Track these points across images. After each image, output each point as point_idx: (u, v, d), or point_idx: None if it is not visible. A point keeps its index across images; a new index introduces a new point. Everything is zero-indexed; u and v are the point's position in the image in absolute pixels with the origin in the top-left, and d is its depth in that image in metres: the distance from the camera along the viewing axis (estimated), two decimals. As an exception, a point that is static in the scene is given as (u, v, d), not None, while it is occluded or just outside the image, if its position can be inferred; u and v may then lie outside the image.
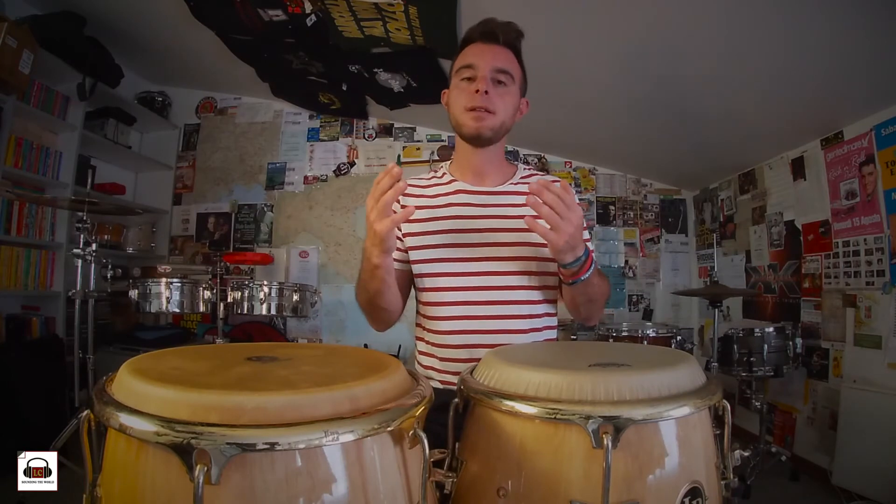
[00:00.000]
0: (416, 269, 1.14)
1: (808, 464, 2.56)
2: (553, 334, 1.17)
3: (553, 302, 1.16)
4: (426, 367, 1.15)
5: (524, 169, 1.23)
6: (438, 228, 1.13)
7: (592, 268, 0.98)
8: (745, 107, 2.53)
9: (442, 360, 1.11)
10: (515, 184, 1.19)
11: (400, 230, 1.16)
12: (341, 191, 3.89)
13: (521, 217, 1.11)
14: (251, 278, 3.52)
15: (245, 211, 3.94)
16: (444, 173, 1.22)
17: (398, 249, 1.17)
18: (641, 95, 2.71)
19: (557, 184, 0.89)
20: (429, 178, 1.23)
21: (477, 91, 1.07)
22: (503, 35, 1.12)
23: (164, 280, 2.48)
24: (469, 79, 1.10)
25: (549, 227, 0.87)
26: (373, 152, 3.92)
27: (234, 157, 3.99)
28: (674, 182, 3.88)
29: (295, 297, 2.62)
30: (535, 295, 1.12)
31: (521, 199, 1.15)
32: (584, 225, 1.20)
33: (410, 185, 1.22)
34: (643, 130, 3.12)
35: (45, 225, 2.95)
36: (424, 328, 1.16)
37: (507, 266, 1.10)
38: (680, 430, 0.62)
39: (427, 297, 1.14)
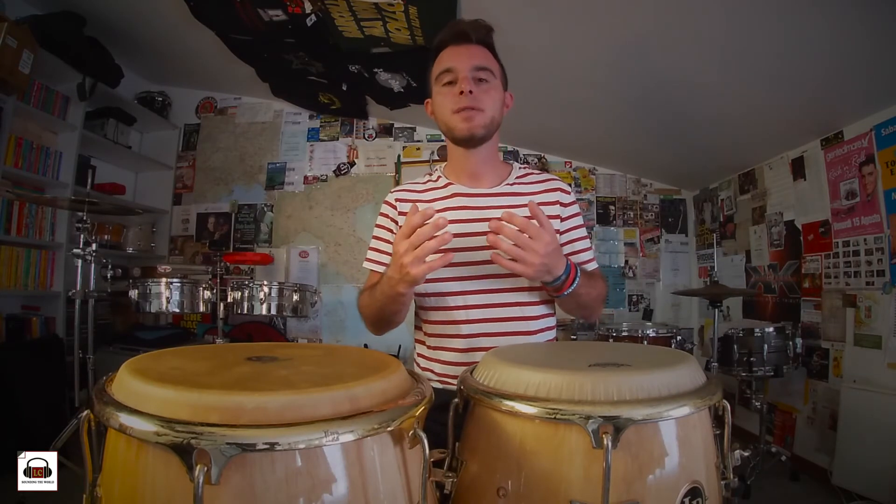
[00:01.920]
0: None
1: (808, 464, 2.56)
2: (553, 334, 1.17)
3: (552, 302, 1.16)
4: (424, 370, 1.15)
5: (519, 168, 1.22)
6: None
7: (577, 281, 0.97)
8: (745, 107, 2.53)
9: (442, 362, 1.11)
10: (511, 184, 1.18)
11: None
12: (341, 191, 3.89)
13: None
14: (251, 278, 3.52)
15: (245, 211, 3.94)
16: (439, 176, 1.22)
17: None
18: (641, 95, 2.71)
19: (549, 186, 0.85)
20: (424, 183, 1.22)
21: (461, 93, 1.06)
22: (474, 33, 1.11)
23: (164, 280, 2.48)
24: (450, 83, 1.09)
25: (514, 260, 0.87)
26: (373, 152, 3.92)
27: (234, 157, 3.99)
28: (674, 182, 3.88)
29: (295, 297, 2.62)
30: (535, 296, 1.12)
31: (517, 200, 1.15)
32: (583, 223, 1.20)
33: (406, 190, 1.22)
34: (643, 130, 3.12)
35: (45, 225, 2.95)
36: (424, 332, 1.16)
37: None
38: (680, 430, 0.62)
39: (426, 301, 1.14)
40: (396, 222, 1.17)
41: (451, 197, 1.16)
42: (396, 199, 1.19)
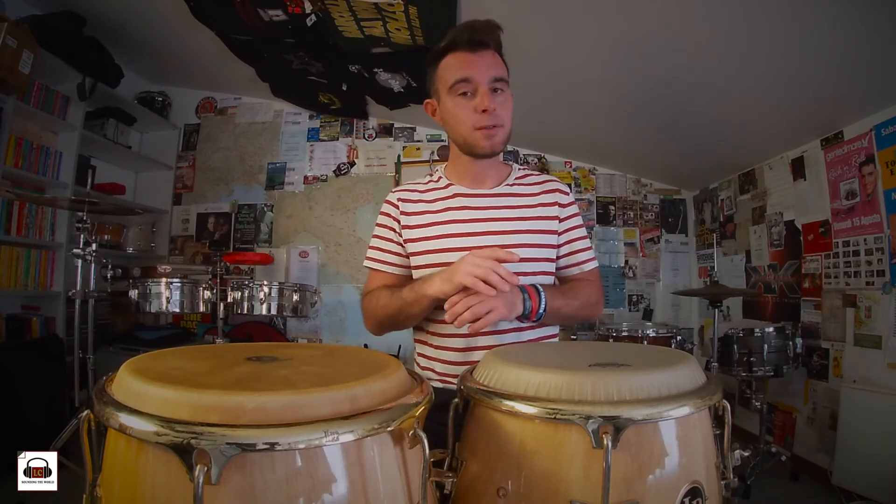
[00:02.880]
0: (417, 274, 1.15)
1: (808, 464, 2.56)
2: (553, 332, 1.17)
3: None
4: (424, 369, 1.15)
5: (519, 169, 1.23)
6: (438, 234, 1.13)
7: (543, 305, 1.02)
8: (745, 107, 2.53)
9: (442, 362, 1.12)
10: (511, 185, 1.18)
11: (401, 236, 1.17)
12: (341, 191, 3.89)
13: (518, 219, 1.13)
14: (251, 278, 3.52)
15: (245, 211, 3.94)
16: (440, 177, 1.22)
17: (400, 255, 1.17)
18: (641, 95, 2.71)
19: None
20: (426, 183, 1.22)
21: (485, 110, 1.04)
22: (491, 39, 1.08)
23: (164, 280, 2.48)
24: (466, 94, 1.06)
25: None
26: (373, 152, 3.92)
27: (234, 157, 3.99)
28: (674, 182, 3.88)
29: (295, 297, 2.62)
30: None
31: (517, 201, 1.16)
32: (582, 223, 1.20)
33: (408, 190, 1.22)
34: (643, 130, 3.12)
35: (45, 225, 2.95)
36: (424, 331, 1.16)
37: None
38: (680, 430, 0.62)
39: None
40: (398, 221, 1.17)
41: (452, 197, 1.17)
42: (399, 199, 1.19)
